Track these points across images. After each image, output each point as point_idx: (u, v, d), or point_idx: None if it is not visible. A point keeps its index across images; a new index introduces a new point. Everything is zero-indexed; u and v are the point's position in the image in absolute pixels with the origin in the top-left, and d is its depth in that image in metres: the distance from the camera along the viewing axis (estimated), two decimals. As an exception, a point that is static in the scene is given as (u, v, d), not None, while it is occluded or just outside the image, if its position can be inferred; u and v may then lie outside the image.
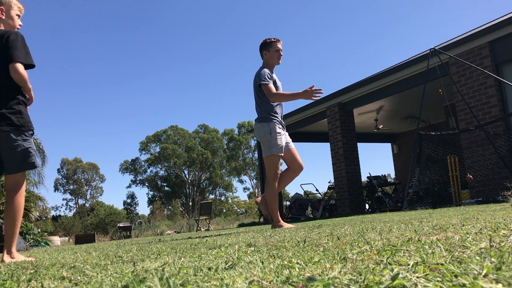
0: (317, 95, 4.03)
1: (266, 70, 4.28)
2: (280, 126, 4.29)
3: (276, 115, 4.26)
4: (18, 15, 3.00)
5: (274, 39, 4.37)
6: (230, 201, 45.52)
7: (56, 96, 61.59)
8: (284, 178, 4.38)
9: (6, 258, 2.67)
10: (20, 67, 2.73)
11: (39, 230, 14.70)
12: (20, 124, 2.74)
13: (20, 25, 3.01)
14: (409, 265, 0.94)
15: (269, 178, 4.19)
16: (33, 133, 2.86)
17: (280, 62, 4.38)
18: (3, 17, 2.93)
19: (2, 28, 2.91)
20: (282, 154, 4.23)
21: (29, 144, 2.79)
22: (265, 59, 4.38)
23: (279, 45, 4.36)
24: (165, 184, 45.21)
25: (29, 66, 2.84)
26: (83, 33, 59.32)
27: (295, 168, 4.40)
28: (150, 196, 45.71)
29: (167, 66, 63.61)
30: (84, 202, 47.74)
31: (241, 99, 66.68)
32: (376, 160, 61.00)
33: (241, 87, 66.56)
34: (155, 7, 60.45)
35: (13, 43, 2.74)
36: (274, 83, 4.29)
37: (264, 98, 4.25)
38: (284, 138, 4.30)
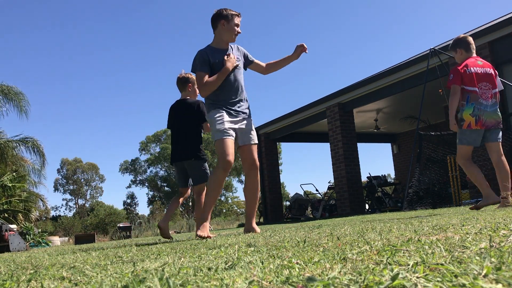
0: (236, 63, 3.58)
1: (200, 53, 3.55)
2: (226, 111, 3.56)
3: (220, 99, 3.57)
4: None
5: (235, 12, 3.69)
6: (230, 201, 45.52)
7: (56, 95, 61.61)
8: (245, 186, 3.83)
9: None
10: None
11: (39, 230, 14.70)
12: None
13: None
14: (409, 265, 0.94)
15: (216, 166, 3.54)
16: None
17: (235, 39, 3.68)
18: (190, 90, 4.52)
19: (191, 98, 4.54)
20: (226, 138, 3.49)
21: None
22: (219, 31, 3.62)
23: (239, 21, 3.69)
24: (165, 184, 45.19)
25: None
26: (84, 34, 59.33)
27: (246, 168, 3.78)
28: (150, 196, 45.70)
29: (167, 66, 63.62)
30: (84, 202, 47.76)
31: (241, 99, 66.56)
32: (376, 160, 61.03)
33: (241, 87, 66.45)
34: (155, 3, 60.46)
35: (203, 110, 4.31)
36: (216, 66, 3.53)
37: None
38: (229, 124, 3.55)
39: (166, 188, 45.01)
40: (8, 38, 56.12)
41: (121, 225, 16.97)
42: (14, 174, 15.54)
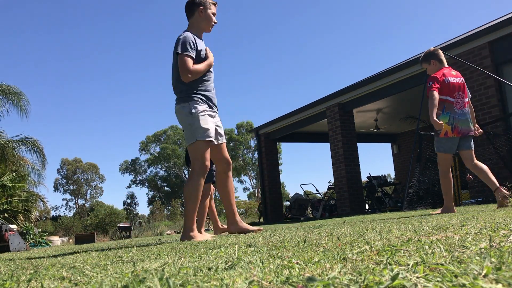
0: None
1: (191, 36, 3.32)
2: (208, 105, 3.36)
3: (202, 92, 3.34)
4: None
5: (213, 0, 3.50)
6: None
7: (56, 96, 61.61)
8: (222, 184, 3.56)
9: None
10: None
11: (39, 230, 14.71)
12: None
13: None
14: (409, 265, 0.94)
15: (193, 172, 3.24)
16: None
17: (211, 30, 3.50)
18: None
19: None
20: (212, 139, 3.30)
21: None
22: (195, 20, 3.43)
23: (215, 10, 3.49)
24: (165, 184, 45.21)
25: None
26: (84, 34, 59.34)
27: (223, 167, 3.54)
28: (150, 196, 45.72)
29: (167, 66, 63.54)
30: (84, 202, 47.76)
31: (240, 99, 66.69)
32: (376, 160, 61.02)
33: (240, 87, 66.58)
34: (156, 2, 60.48)
35: None
36: (198, 56, 3.33)
37: None
38: (212, 124, 3.34)
39: (166, 188, 45.01)
40: (8, 38, 56.15)
41: (121, 225, 16.97)
42: (14, 174, 15.54)
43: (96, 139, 65.57)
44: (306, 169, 66.79)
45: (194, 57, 3.27)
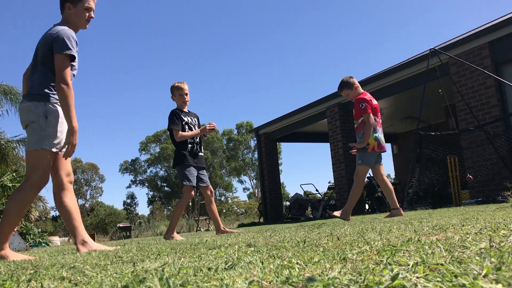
0: None
1: (74, 37, 2.95)
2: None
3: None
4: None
5: None
6: (230, 201, 45.53)
7: (56, 96, 61.55)
8: (65, 204, 3.02)
9: None
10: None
11: (39, 230, 14.71)
12: None
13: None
14: (409, 265, 0.94)
15: (30, 182, 2.82)
16: None
17: (87, 26, 3.14)
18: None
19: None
20: (59, 151, 2.91)
21: None
22: (68, 15, 3.04)
23: (92, 4, 3.09)
24: (165, 184, 45.20)
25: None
26: (83, 34, 59.34)
27: (62, 181, 3.00)
28: (150, 196, 45.70)
29: (167, 66, 63.65)
30: (84, 202, 47.74)
31: (240, 100, 66.71)
32: (376, 160, 60.89)
33: (240, 88, 66.60)
34: (156, 3, 60.50)
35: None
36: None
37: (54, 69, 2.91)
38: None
39: (166, 188, 45.01)
40: (8, 38, 56.18)
41: (121, 225, 16.98)
42: (14, 174, 15.55)
43: (96, 139, 65.58)
44: (306, 169, 66.79)
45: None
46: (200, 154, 4.83)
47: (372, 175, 5.25)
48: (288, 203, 14.19)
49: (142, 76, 63.62)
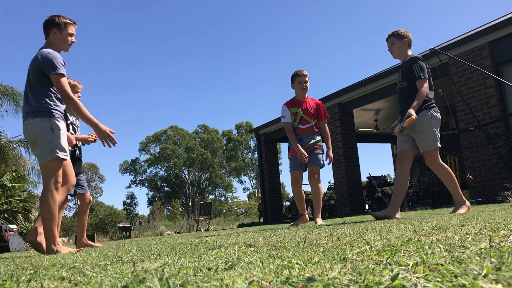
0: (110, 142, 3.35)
1: (60, 57, 3.32)
2: (63, 122, 3.40)
3: (59, 109, 3.36)
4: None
5: (71, 20, 3.46)
6: (230, 201, 45.53)
7: (56, 96, 61.55)
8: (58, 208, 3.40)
9: None
10: None
11: (39, 230, 14.68)
12: None
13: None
14: (409, 265, 0.94)
15: (47, 189, 3.21)
16: None
17: (68, 49, 3.48)
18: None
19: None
20: (67, 158, 3.36)
21: None
22: (53, 39, 3.39)
23: (74, 30, 3.46)
24: (165, 185, 45.20)
25: None
26: (83, 33, 59.36)
27: (67, 187, 3.73)
28: (150, 196, 45.71)
29: (167, 67, 63.65)
30: (84, 202, 47.71)
31: (240, 100, 66.72)
32: (376, 160, 61.04)
33: (240, 88, 66.60)
34: (154, 4, 60.49)
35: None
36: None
37: (52, 88, 3.30)
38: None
39: (166, 188, 45.01)
40: (8, 37, 56.18)
41: (121, 225, 16.96)
42: (14, 174, 15.55)
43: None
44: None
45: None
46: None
47: (370, 174, 5.23)
48: (288, 203, 14.18)
49: (142, 76, 63.65)
